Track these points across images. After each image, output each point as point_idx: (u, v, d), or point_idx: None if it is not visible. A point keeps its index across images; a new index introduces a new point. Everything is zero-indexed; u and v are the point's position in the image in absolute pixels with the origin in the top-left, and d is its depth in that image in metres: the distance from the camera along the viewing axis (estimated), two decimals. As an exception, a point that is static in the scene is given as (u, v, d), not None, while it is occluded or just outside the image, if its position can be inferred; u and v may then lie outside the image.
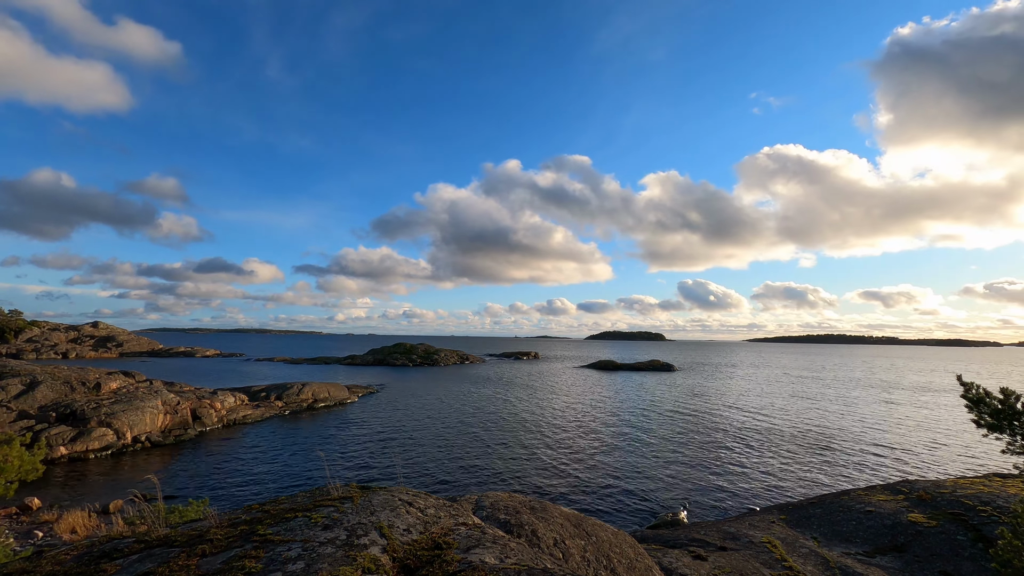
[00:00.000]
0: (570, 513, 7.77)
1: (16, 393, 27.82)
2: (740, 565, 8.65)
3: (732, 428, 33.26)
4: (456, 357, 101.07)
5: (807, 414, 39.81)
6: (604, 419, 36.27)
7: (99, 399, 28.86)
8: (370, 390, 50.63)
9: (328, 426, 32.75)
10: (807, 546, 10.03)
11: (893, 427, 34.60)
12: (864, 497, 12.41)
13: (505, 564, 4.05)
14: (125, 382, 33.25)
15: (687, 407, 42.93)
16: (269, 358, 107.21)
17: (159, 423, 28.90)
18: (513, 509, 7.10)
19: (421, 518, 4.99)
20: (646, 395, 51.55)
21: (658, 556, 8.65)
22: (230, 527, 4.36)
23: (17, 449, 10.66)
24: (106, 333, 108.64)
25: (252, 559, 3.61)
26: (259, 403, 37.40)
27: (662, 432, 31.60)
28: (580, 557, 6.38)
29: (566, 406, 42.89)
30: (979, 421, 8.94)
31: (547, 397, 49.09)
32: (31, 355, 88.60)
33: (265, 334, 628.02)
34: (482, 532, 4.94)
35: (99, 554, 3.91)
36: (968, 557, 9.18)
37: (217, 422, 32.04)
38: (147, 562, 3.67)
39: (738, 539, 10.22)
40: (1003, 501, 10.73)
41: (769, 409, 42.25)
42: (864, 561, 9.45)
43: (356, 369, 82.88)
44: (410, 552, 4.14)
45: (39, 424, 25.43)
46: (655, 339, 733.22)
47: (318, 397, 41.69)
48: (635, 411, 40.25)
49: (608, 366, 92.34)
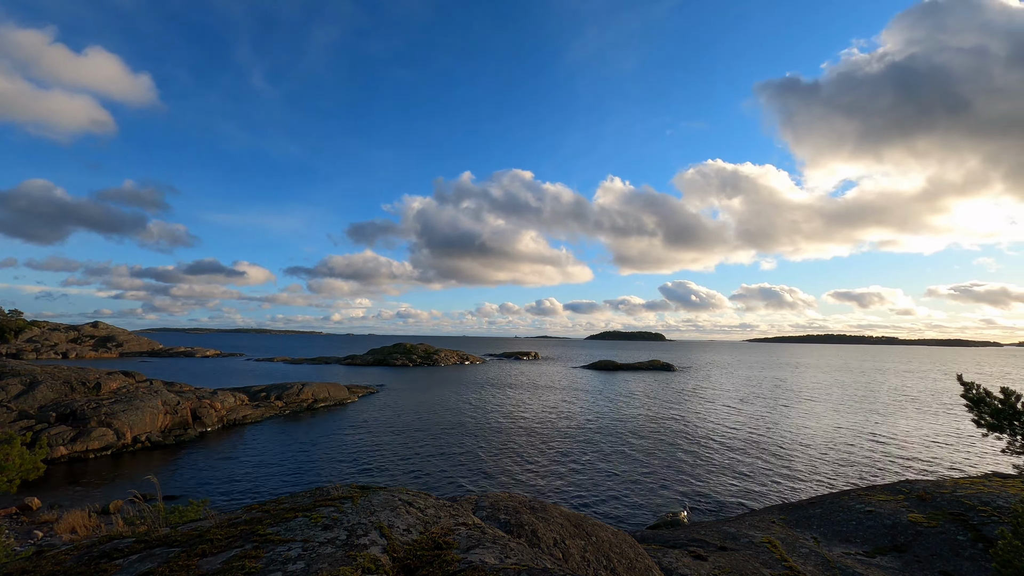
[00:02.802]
0: (570, 513, 7.77)
1: (16, 393, 27.81)
2: (740, 565, 8.64)
3: (732, 428, 33.26)
4: (456, 357, 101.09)
5: (807, 414, 39.83)
6: (604, 419, 36.26)
7: (99, 399, 28.85)
8: (370, 390, 50.62)
9: (328, 426, 32.75)
10: (807, 546, 10.02)
11: (893, 427, 34.61)
12: (864, 497, 12.41)
13: (505, 564, 4.05)
14: (125, 382, 33.25)
15: (687, 407, 42.94)
16: (269, 358, 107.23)
17: (159, 423, 28.89)
18: (513, 509, 7.10)
19: (421, 518, 4.99)
20: (646, 395, 51.56)
21: (658, 556, 8.65)
22: (230, 527, 4.36)
23: (18, 448, 10.67)
24: (106, 333, 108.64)
25: (252, 559, 3.60)
26: (259, 403, 37.39)
27: (662, 432, 31.60)
28: (580, 557, 6.38)
29: (566, 406, 42.88)
30: (979, 421, 8.96)
31: (548, 397, 49.09)
32: (31, 355, 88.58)
33: (264, 334, 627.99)
34: (482, 532, 4.94)
35: (99, 554, 3.91)
36: (968, 557, 9.18)
37: (217, 422, 32.03)
38: (147, 562, 3.67)
39: (738, 539, 10.21)
40: (1003, 501, 10.73)
41: (769, 409, 42.26)
42: (864, 561, 9.45)
43: (356, 369, 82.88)
44: (410, 552, 4.14)
45: (39, 424, 25.43)
46: (655, 339, 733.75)
47: (318, 397, 41.68)
48: (635, 411, 40.25)
49: (608, 366, 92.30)
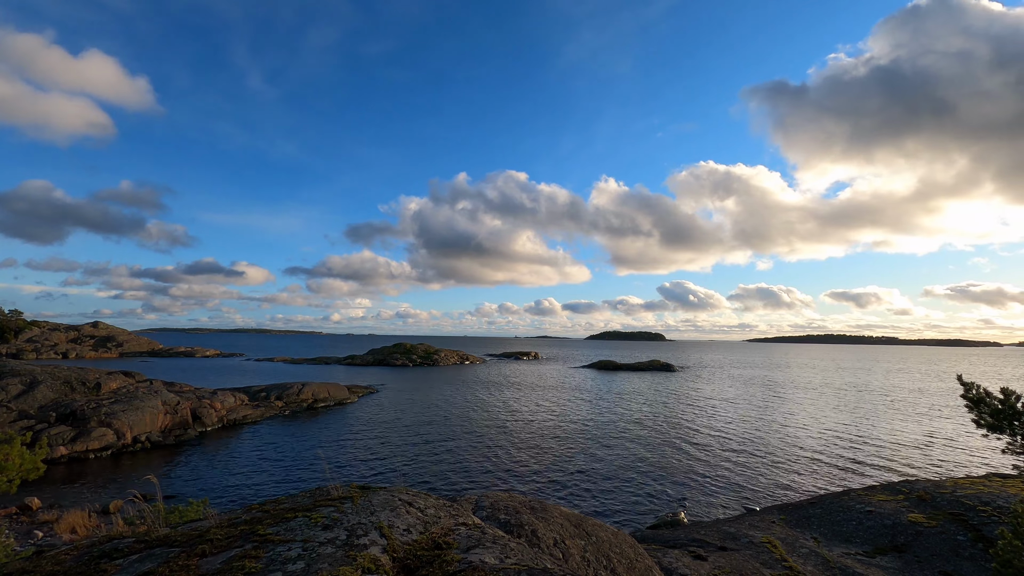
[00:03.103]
0: (570, 513, 7.77)
1: (16, 393, 27.81)
2: (740, 565, 8.65)
3: (732, 428, 33.26)
4: (456, 357, 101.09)
5: (807, 414, 39.82)
6: (605, 419, 36.27)
7: (99, 399, 28.85)
8: (370, 390, 50.63)
9: (328, 426, 32.75)
10: (807, 546, 10.02)
11: (893, 427, 34.60)
12: (864, 497, 12.41)
13: (505, 564, 4.05)
14: (125, 382, 33.24)
15: (688, 407, 42.94)
16: (269, 358, 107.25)
17: (159, 423, 28.90)
18: (513, 509, 7.09)
19: (421, 518, 4.98)
20: (646, 395, 51.55)
21: (658, 556, 8.65)
22: (230, 527, 4.36)
23: (18, 448, 10.67)
24: (106, 333, 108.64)
25: (252, 559, 3.60)
26: (259, 403, 37.40)
27: (662, 432, 31.60)
28: (580, 557, 6.38)
29: (567, 406, 42.88)
30: (979, 421, 8.96)
31: (548, 397, 49.09)
32: (31, 355, 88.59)
33: (264, 334, 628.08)
34: (482, 532, 4.94)
35: (99, 554, 3.91)
36: (968, 557, 9.18)
37: (217, 422, 32.03)
38: (147, 562, 3.67)
39: (738, 539, 10.21)
40: (1003, 501, 10.73)
41: (769, 409, 42.26)
42: (864, 561, 9.45)
43: (356, 369, 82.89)
44: (410, 552, 4.14)
45: (39, 424, 25.43)
46: (655, 339, 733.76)
47: (318, 397, 41.69)
48: (635, 411, 40.26)
49: (608, 366, 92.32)
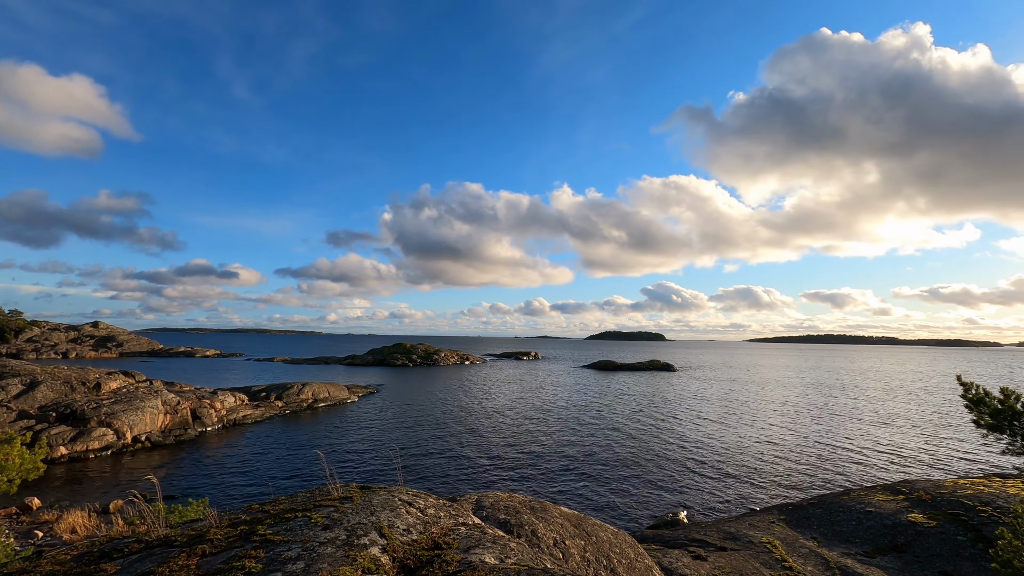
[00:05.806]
0: (570, 513, 7.77)
1: (16, 393, 27.80)
2: (740, 565, 8.65)
3: (732, 428, 33.26)
4: (456, 357, 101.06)
5: (807, 414, 39.83)
6: (604, 419, 36.27)
7: (99, 399, 28.84)
8: (370, 390, 50.63)
9: (328, 426, 32.75)
10: (807, 546, 10.02)
11: (893, 427, 34.61)
12: (864, 497, 12.41)
13: (505, 564, 4.05)
14: (125, 382, 33.23)
15: (688, 407, 42.94)
16: (269, 358, 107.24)
17: (159, 423, 28.89)
18: (513, 509, 7.09)
19: (421, 518, 4.98)
20: (647, 396, 51.55)
21: (658, 556, 8.65)
22: (230, 527, 4.36)
23: (18, 448, 10.67)
24: (106, 333, 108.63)
25: (252, 559, 3.60)
26: (259, 403, 37.39)
27: (663, 432, 31.60)
28: (580, 557, 6.38)
29: (566, 406, 42.88)
30: (979, 421, 8.96)
31: (547, 397, 49.09)
32: (31, 355, 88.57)
33: (263, 334, 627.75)
34: (482, 532, 4.94)
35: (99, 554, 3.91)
36: (968, 557, 9.18)
37: (217, 422, 32.03)
38: (147, 562, 3.67)
39: (738, 539, 10.21)
40: (1003, 501, 10.74)
41: (769, 409, 42.26)
42: (864, 561, 9.45)
43: (356, 369, 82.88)
44: (410, 552, 4.14)
45: (39, 424, 25.42)
46: (655, 339, 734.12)
47: (318, 397, 41.69)
48: (635, 411, 40.25)
49: (608, 366, 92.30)
